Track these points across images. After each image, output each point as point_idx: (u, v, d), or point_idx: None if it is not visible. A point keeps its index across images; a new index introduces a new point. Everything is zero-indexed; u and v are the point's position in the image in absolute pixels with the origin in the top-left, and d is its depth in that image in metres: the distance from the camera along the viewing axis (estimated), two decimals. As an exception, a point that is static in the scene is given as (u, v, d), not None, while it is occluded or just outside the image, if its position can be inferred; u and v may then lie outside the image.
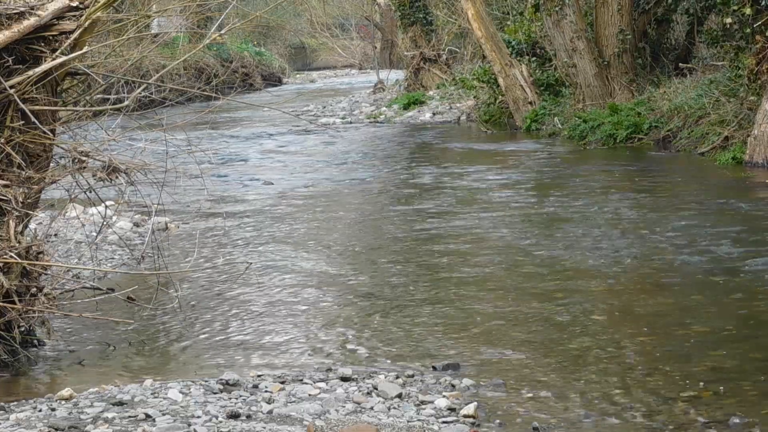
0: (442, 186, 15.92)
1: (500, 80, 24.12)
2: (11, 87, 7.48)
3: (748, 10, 16.28)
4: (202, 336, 8.31)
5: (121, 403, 6.22)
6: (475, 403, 6.29)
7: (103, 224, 9.56)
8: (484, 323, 8.31)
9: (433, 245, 11.45)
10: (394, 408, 6.29)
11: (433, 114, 27.95)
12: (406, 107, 29.12)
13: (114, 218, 11.81)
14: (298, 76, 53.02)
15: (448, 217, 13.09)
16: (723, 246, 10.61)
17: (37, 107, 7.61)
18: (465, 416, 6.14)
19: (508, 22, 27.05)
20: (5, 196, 7.45)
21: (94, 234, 10.21)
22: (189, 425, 5.76)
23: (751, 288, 8.98)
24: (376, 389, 6.62)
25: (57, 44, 7.73)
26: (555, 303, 8.80)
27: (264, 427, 5.77)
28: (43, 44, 7.68)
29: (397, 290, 9.54)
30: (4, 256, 7.28)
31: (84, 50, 7.87)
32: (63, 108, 8.07)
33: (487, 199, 14.48)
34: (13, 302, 7.32)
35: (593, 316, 8.34)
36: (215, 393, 6.52)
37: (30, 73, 7.57)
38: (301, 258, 11.09)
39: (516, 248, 11.06)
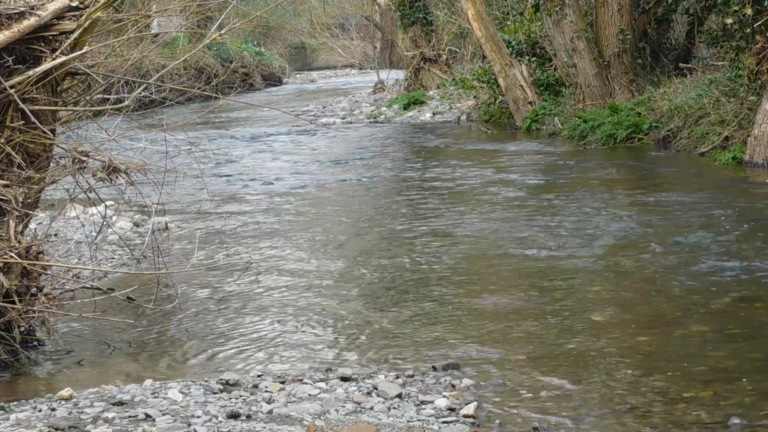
0: (443, 186, 15.92)
1: (500, 80, 24.13)
2: (11, 87, 7.48)
3: (749, 11, 16.28)
4: (202, 336, 8.31)
5: (121, 403, 6.22)
6: (475, 403, 6.29)
7: (103, 224, 9.57)
8: (484, 323, 8.31)
9: (432, 245, 11.44)
10: (394, 408, 6.29)
11: (433, 114, 27.96)
12: (406, 107, 29.13)
13: (114, 218, 11.82)
14: (298, 76, 53.06)
15: (448, 216, 13.09)
16: (723, 246, 10.60)
17: (37, 107, 7.61)
18: (465, 416, 6.14)
19: (508, 22, 27.05)
20: (5, 196, 7.45)
21: (94, 234, 10.22)
22: (189, 425, 5.75)
23: (751, 288, 8.98)
24: (376, 389, 6.62)
25: (57, 44, 7.73)
26: (555, 303, 8.80)
27: (264, 427, 5.77)
28: (43, 44, 7.69)
29: (397, 289, 9.53)
30: (4, 256, 7.28)
31: (84, 50, 7.87)
32: (63, 108, 8.07)
33: (487, 198, 14.48)
34: (13, 302, 7.32)
35: (593, 316, 8.34)
36: (215, 393, 6.52)
37: (30, 73, 7.57)
38: (301, 257, 11.09)
39: (516, 248, 11.06)
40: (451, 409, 6.28)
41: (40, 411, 6.14)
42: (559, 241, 11.30)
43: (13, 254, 7.31)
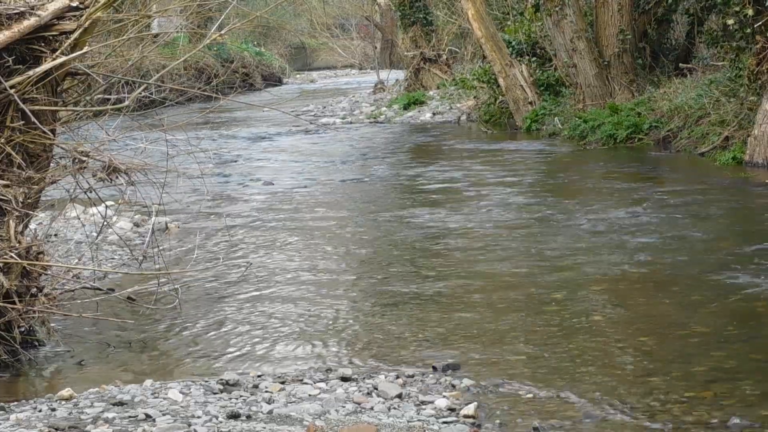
0: (442, 186, 15.92)
1: (500, 80, 24.12)
2: (11, 87, 7.48)
3: (750, 11, 16.27)
4: (203, 336, 8.31)
5: (121, 403, 6.22)
6: (475, 403, 6.29)
7: (103, 224, 9.57)
8: (485, 323, 8.31)
9: (432, 245, 11.45)
10: (395, 408, 6.29)
11: (433, 114, 27.95)
12: (406, 107, 29.12)
13: (114, 218, 11.81)
14: (298, 76, 53.04)
15: (448, 216, 13.09)
16: (723, 246, 10.60)
17: (37, 107, 7.61)
18: (465, 416, 6.14)
19: (508, 22, 27.05)
20: (5, 196, 7.45)
21: (94, 234, 10.22)
22: (189, 425, 5.75)
23: (751, 288, 8.97)
24: (376, 389, 6.62)
25: (57, 44, 7.73)
26: (555, 303, 8.80)
27: (264, 428, 5.77)
28: (43, 44, 7.69)
29: (396, 290, 9.53)
30: (4, 256, 7.27)
31: (84, 50, 7.87)
32: (63, 108, 8.07)
33: (487, 198, 14.47)
34: (13, 302, 7.32)
35: (593, 316, 8.34)
36: (215, 393, 6.52)
37: (30, 73, 7.57)
38: (300, 258, 11.09)
39: (515, 248, 11.06)
40: (452, 410, 6.28)
41: (40, 411, 6.14)
42: (559, 240, 11.30)
43: (13, 254, 7.31)
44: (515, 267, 10.25)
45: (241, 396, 6.47)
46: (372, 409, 6.25)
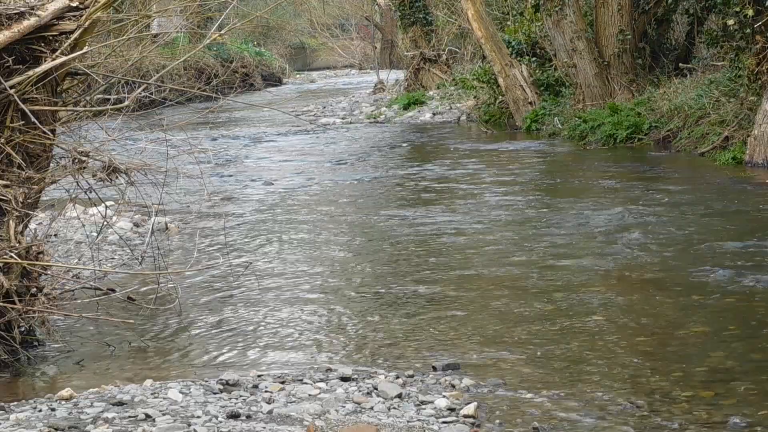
0: (442, 186, 15.92)
1: (500, 80, 24.13)
2: (11, 87, 7.48)
3: (750, 11, 16.28)
4: (202, 336, 8.31)
5: (121, 403, 6.22)
6: (475, 403, 6.29)
7: (103, 224, 9.58)
8: (484, 323, 8.31)
9: (432, 245, 11.45)
10: (394, 408, 6.29)
11: (433, 114, 27.95)
12: (406, 107, 29.12)
13: (114, 218, 11.81)
14: (298, 76, 53.05)
15: (448, 217, 13.09)
16: (723, 246, 10.60)
17: (37, 107, 7.62)
18: (465, 416, 6.14)
19: (508, 22, 27.05)
20: (5, 196, 7.45)
21: (94, 234, 10.22)
22: (189, 425, 5.76)
23: (751, 288, 8.98)
24: (376, 389, 6.62)
25: (57, 44, 7.73)
26: (555, 303, 8.80)
27: (264, 427, 5.77)
28: (43, 44, 7.69)
29: (396, 290, 9.53)
30: (4, 256, 7.28)
31: (84, 50, 7.88)
32: (63, 108, 8.07)
33: (487, 199, 14.48)
34: (13, 302, 7.32)
35: (593, 316, 8.34)
36: (215, 393, 6.52)
37: (30, 73, 7.57)
38: (300, 258, 11.09)
39: (515, 248, 11.06)
40: (451, 409, 6.28)
41: (40, 411, 6.15)
42: (558, 241, 11.30)
43: (13, 254, 7.31)
44: (515, 266, 10.25)
45: (241, 396, 6.47)
46: (372, 409, 6.25)
